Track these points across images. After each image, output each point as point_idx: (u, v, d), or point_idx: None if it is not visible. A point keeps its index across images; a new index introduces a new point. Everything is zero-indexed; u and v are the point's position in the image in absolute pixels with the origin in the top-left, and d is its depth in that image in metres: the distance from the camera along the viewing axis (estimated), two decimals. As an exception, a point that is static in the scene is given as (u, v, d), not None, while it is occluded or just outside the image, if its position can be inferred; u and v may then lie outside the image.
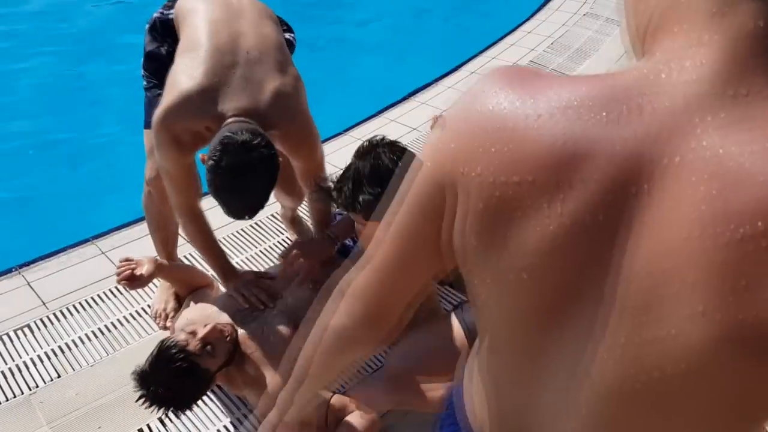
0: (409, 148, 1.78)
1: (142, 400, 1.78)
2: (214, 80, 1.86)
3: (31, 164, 4.11)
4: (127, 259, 2.12)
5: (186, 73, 1.88)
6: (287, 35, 2.25)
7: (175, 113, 1.86)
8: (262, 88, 1.89)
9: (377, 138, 1.75)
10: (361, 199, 1.69)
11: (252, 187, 1.79)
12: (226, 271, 2.19)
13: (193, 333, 1.86)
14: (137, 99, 2.37)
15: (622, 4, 0.69)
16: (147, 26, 2.27)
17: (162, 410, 1.83)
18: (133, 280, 2.08)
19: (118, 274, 2.08)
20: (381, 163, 1.68)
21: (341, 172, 1.80)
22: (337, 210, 2.53)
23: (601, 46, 4.93)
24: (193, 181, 2.05)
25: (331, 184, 1.86)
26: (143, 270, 2.09)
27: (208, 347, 1.84)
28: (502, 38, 5.07)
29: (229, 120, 1.82)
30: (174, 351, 1.78)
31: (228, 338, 1.91)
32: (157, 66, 2.22)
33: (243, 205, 1.84)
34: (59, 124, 4.47)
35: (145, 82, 2.29)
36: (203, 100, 1.85)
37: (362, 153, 1.73)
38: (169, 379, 1.77)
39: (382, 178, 1.66)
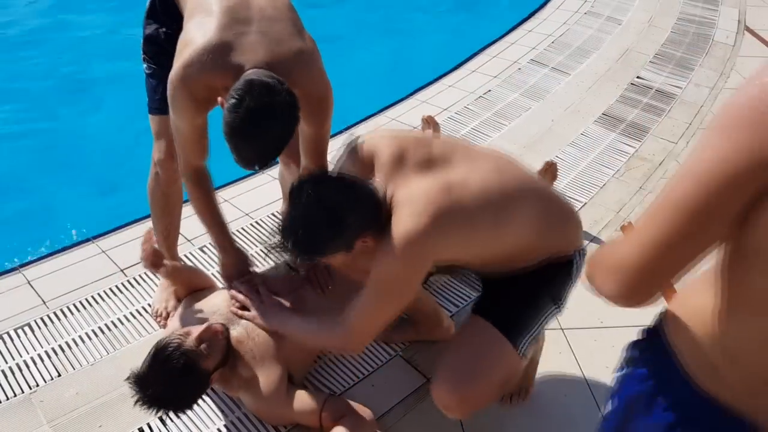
0: (332, 173, 1.73)
1: (140, 403, 1.77)
2: (230, 34, 1.81)
3: (32, 164, 4.12)
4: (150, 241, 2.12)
5: (200, 30, 1.83)
6: None
7: (193, 69, 1.82)
8: (281, 44, 1.84)
9: (300, 181, 1.67)
10: (320, 246, 1.63)
11: (270, 132, 1.71)
12: (225, 246, 2.16)
13: (188, 333, 1.86)
14: (138, 98, 2.37)
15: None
16: (146, 8, 2.22)
17: (161, 411, 1.83)
18: (154, 261, 2.10)
19: (144, 252, 2.09)
20: (321, 199, 1.59)
21: (281, 226, 1.68)
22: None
23: (602, 45, 4.93)
24: (204, 142, 2.02)
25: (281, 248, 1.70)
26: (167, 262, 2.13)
27: (203, 346, 1.84)
28: (503, 36, 5.07)
29: (249, 71, 1.76)
30: (171, 349, 1.78)
31: (222, 337, 1.91)
32: (157, 50, 2.19)
33: (256, 153, 1.74)
34: (60, 124, 4.48)
35: (145, 66, 2.26)
36: (220, 54, 1.80)
37: (294, 197, 1.64)
38: (168, 379, 1.77)
39: (328, 215, 1.59)
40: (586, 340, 2.42)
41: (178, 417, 1.91)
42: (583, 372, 2.29)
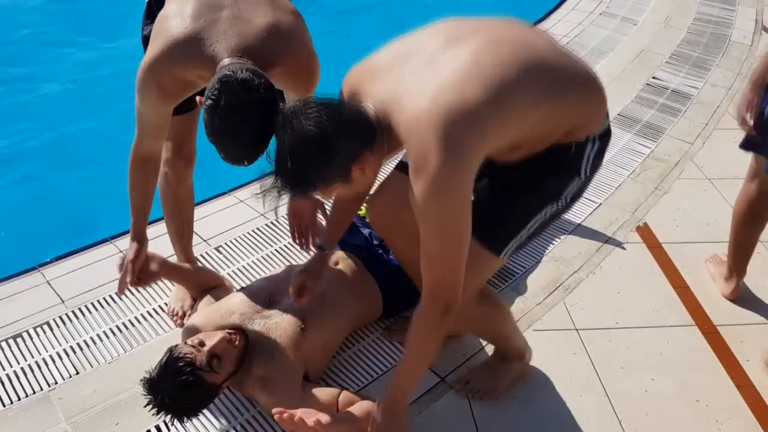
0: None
1: (149, 406, 1.81)
2: (200, 22, 1.78)
3: (50, 163, 4.16)
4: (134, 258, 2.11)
5: (174, 18, 1.80)
6: None
7: (163, 61, 1.79)
8: (252, 25, 1.78)
9: (283, 112, 1.54)
10: (312, 176, 1.52)
11: (252, 129, 1.66)
12: (134, 233, 2.13)
13: (201, 344, 1.86)
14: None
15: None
16: (144, 9, 2.20)
17: (168, 417, 1.86)
18: (134, 273, 2.09)
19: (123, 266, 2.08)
20: (305, 127, 1.47)
21: (273, 161, 1.57)
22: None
23: (617, 45, 4.91)
24: (165, 127, 2.00)
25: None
26: (153, 266, 2.12)
27: (215, 362, 1.85)
28: (517, 37, 5.04)
29: (225, 62, 1.73)
30: (181, 365, 1.79)
31: (236, 346, 1.92)
32: None
33: (241, 150, 1.71)
34: (78, 123, 4.52)
35: None
36: (191, 46, 1.77)
37: (279, 130, 1.53)
38: (175, 391, 1.79)
39: (315, 142, 1.47)
40: (601, 340, 2.42)
41: (182, 423, 1.95)
42: (597, 373, 2.28)
